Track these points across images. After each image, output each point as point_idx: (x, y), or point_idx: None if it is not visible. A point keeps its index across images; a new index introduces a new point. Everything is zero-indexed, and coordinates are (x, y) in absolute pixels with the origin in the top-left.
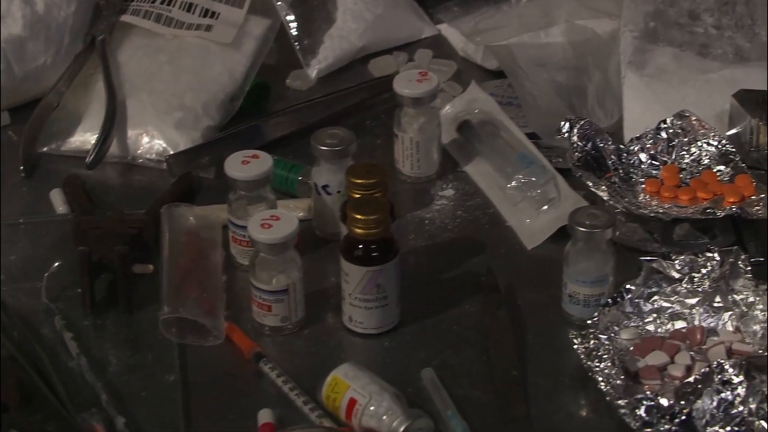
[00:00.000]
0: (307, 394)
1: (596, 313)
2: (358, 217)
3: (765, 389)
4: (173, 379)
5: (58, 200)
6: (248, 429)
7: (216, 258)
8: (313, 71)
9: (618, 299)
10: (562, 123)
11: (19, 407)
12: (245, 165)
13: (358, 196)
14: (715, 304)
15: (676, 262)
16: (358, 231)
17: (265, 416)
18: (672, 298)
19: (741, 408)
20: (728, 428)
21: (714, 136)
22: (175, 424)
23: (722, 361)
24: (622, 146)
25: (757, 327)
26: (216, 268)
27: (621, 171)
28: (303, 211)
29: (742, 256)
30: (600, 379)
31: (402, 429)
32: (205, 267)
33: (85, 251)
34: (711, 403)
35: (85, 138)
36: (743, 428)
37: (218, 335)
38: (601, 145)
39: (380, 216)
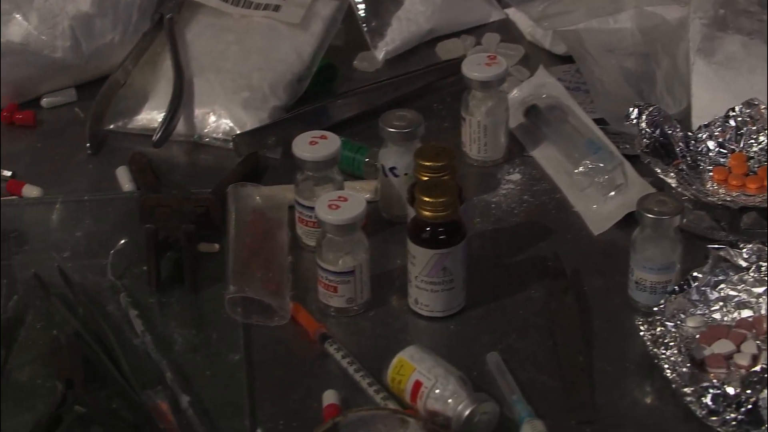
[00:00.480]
0: (372, 375)
1: (662, 301)
2: (427, 199)
3: None
4: (238, 359)
5: (124, 178)
6: (313, 410)
7: (282, 238)
8: (380, 53)
9: (685, 287)
10: (631, 109)
11: (84, 384)
12: (313, 145)
13: (426, 178)
14: None
15: (744, 250)
16: (426, 213)
17: (329, 397)
18: (739, 287)
19: None
20: None
21: None
22: (240, 403)
23: None
24: (690, 133)
25: None
26: (282, 248)
27: (689, 158)
28: (369, 192)
29: None
30: (666, 366)
31: (467, 412)
32: (271, 247)
33: (151, 229)
34: None
35: (152, 116)
36: None
37: (284, 315)
38: (670, 132)
39: (448, 199)
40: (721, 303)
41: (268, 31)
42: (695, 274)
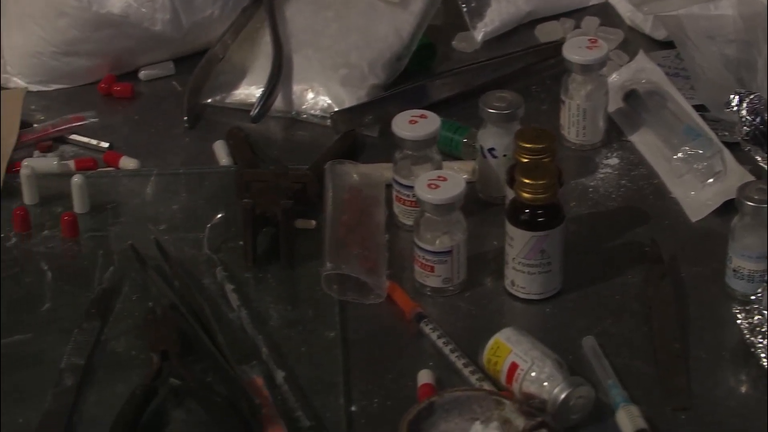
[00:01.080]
0: (467, 356)
1: (760, 289)
2: (527, 181)
3: None
4: (333, 336)
5: (221, 152)
6: (407, 389)
7: (379, 216)
8: (479, 34)
9: None
10: (732, 96)
11: (179, 356)
12: (413, 124)
13: (526, 160)
14: None
15: None
16: (526, 195)
17: (424, 377)
18: None
19: None
20: None
21: None
22: (335, 380)
23: None
24: None
25: None
26: (379, 226)
27: None
28: (467, 173)
29: None
30: (763, 355)
31: (563, 396)
32: (367, 225)
33: (249, 204)
34: None
35: (250, 91)
36: None
37: (380, 294)
38: None
39: (548, 181)
40: None
41: (368, 8)
42: None
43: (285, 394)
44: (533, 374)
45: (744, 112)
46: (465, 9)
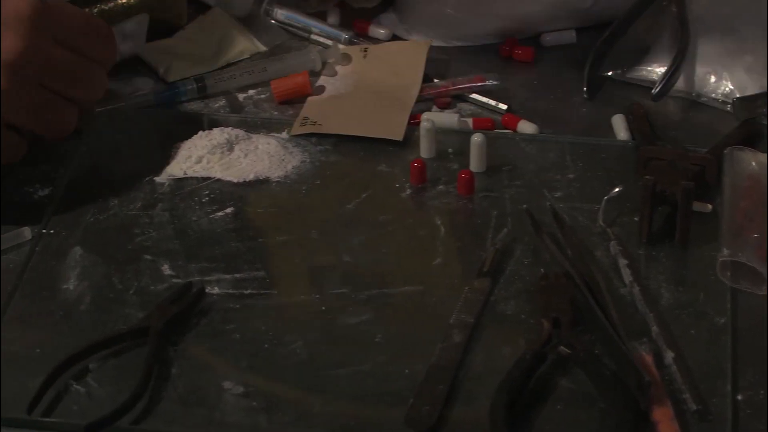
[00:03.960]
0: None
1: None
2: None
3: None
4: (723, 322)
5: (619, 126)
6: None
7: None
8: None
9: None
10: None
11: (571, 326)
12: None
13: None
14: None
15: None
16: None
17: None
18: None
19: None
20: None
21: None
22: (723, 368)
23: None
24: None
25: None
26: None
27: None
28: None
29: None
30: None
31: None
32: (765, 215)
33: (650, 181)
34: None
35: (652, 68)
36: None
37: None
38: None
39: None
40: None
41: None
42: None
43: (673, 374)
44: None
45: None
46: None
